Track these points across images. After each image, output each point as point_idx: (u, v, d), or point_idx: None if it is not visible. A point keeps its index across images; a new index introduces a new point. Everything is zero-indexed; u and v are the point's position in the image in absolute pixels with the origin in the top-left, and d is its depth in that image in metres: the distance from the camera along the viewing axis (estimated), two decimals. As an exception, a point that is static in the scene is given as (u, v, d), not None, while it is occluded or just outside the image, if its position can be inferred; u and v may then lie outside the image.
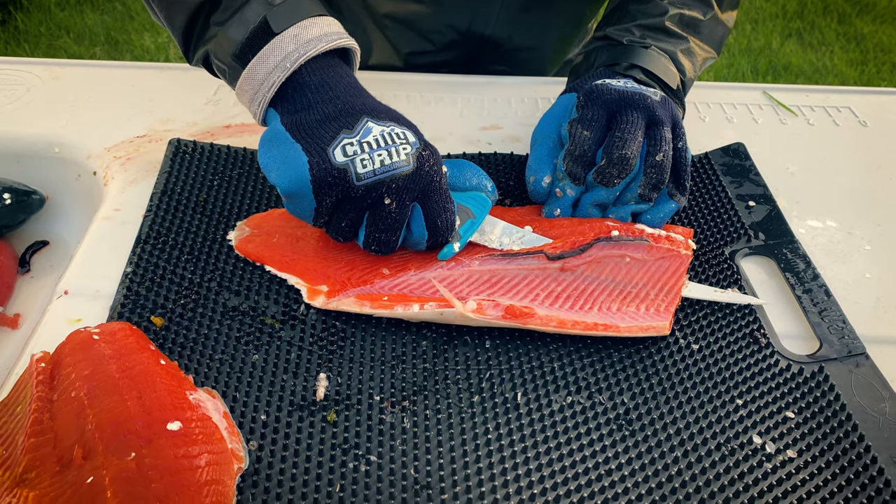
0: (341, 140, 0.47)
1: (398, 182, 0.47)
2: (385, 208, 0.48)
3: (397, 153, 0.47)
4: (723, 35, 0.67)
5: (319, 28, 0.50)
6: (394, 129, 0.48)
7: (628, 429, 0.45)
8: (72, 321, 0.50)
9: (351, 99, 0.50)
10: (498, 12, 0.77)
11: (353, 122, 0.48)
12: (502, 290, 0.50)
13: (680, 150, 0.56)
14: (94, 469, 0.37)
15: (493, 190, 0.54)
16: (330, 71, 0.51)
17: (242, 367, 0.47)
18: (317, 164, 0.46)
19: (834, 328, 0.52)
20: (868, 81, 2.51)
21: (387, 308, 0.49)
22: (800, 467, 0.44)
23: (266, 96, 0.50)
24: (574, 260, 0.51)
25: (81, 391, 0.41)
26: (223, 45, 0.51)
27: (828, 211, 0.64)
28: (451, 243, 0.51)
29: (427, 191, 0.49)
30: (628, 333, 0.49)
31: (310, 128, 0.48)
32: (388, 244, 0.50)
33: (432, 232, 0.50)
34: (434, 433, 0.44)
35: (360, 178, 0.47)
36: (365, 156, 0.47)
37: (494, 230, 0.54)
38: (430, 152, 0.49)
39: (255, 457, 0.42)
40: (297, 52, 0.49)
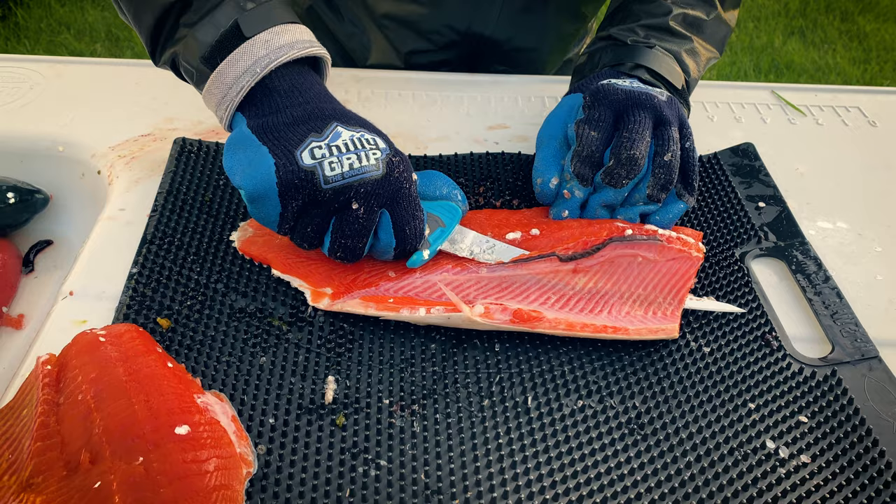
0: (310, 143, 0.46)
1: (367, 187, 0.46)
2: (352, 213, 0.47)
3: (367, 157, 0.47)
4: (725, 34, 0.67)
5: (291, 35, 0.50)
6: (364, 135, 0.48)
7: (640, 433, 0.45)
8: (77, 322, 0.50)
9: (321, 104, 0.49)
10: (498, 13, 0.77)
11: (322, 125, 0.47)
12: (512, 294, 0.50)
13: (687, 150, 0.55)
14: (101, 474, 0.37)
15: (463, 200, 0.53)
16: (300, 77, 0.50)
17: (250, 369, 0.47)
18: (283, 167, 0.45)
19: (846, 331, 0.52)
20: (871, 80, 2.50)
21: (392, 311, 0.48)
22: (813, 472, 0.43)
23: (234, 100, 0.49)
24: (587, 261, 0.50)
25: (88, 394, 0.40)
26: (192, 48, 0.50)
27: (838, 212, 0.64)
28: (420, 251, 0.50)
29: (396, 197, 0.48)
30: (637, 336, 0.49)
31: (277, 130, 0.47)
32: (354, 251, 0.48)
33: (400, 240, 0.49)
34: (444, 437, 0.44)
35: (328, 181, 0.46)
36: (333, 159, 0.46)
37: (465, 240, 0.53)
38: (399, 159, 0.48)
39: (264, 461, 0.42)
40: (267, 58, 0.49)
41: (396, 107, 0.73)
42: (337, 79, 0.77)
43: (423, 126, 0.71)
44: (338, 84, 0.76)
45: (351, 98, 0.74)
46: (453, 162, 0.65)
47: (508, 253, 0.52)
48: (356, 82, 0.77)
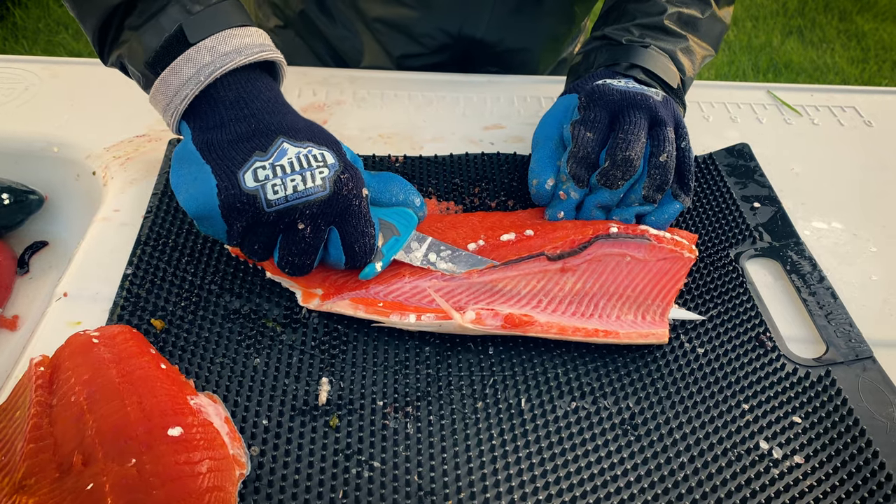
0: (253, 163, 0.45)
1: (312, 208, 0.45)
2: (298, 233, 0.46)
3: (312, 178, 0.45)
4: (721, 32, 0.67)
5: (239, 40, 0.48)
6: (311, 151, 0.46)
7: (634, 434, 0.45)
8: (71, 324, 0.50)
9: (267, 117, 0.48)
10: (489, 15, 0.77)
11: (267, 143, 0.46)
12: (503, 298, 0.49)
13: (683, 151, 0.55)
14: (94, 475, 0.37)
15: (421, 206, 0.52)
16: (248, 85, 0.49)
17: (244, 371, 0.47)
18: (225, 189, 0.45)
19: (841, 331, 0.52)
20: (869, 79, 2.50)
21: (382, 315, 0.48)
22: (807, 473, 0.43)
23: (178, 109, 0.48)
24: (574, 259, 0.50)
25: (81, 396, 0.40)
26: (136, 52, 0.49)
27: (833, 212, 0.64)
28: (373, 263, 0.50)
29: (344, 215, 0.47)
30: (628, 340, 0.48)
31: (221, 148, 0.46)
32: (302, 267, 0.48)
33: (349, 256, 0.48)
34: (438, 439, 0.44)
35: (271, 204, 0.45)
36: (277, 181, 0.45)
37: (421, 247, 0.52)
38: (349, 175, 0.47)
39: (257, 462, 0.42)
40: (212, 65, 0.47)
41: (392, 107, 0.73)
42: (332, 79, 0.77)
43: (418, 126, 0.71)
44: (333, 85, 0.76)
45: (346, 98, 0.74)
46: (448, 162, 0.65)
47: (468, 260, 0.51)
48: (351, 83, 0.77)
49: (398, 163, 0.64)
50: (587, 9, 0.84)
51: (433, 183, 0.63)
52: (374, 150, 0.67)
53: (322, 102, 0.73)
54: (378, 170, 0.63)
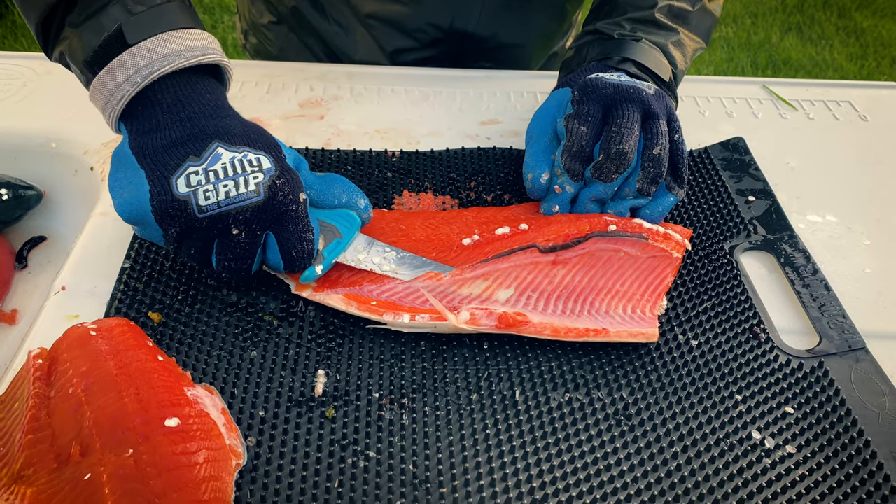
0: (186, 168, 0.45)
1: (245, 214, 0.45)
2: (233, 238, 0.46)
3: (245, 183, 0.45)
4: (711, 25, 0.67)
5: (181, 42, 0.48)
6: (247, 156, 0.46)
7: (627, 425, 0.45)
8: (69, 317, 0.50)
9: (203, 121, 0.47)
10: (479, 10, 0.78)
11: (201, 147, 0.46)
12: (493, 298, 0.49)
13: (676, 143, 0.56)
14: (91, 466, 0.37)
15: (365, 207, 0.51)
16: (187, 88, 0.48)
17: (241, 363, 0.47)
18: (158, 195, 0.45)
19: (834, 323, 0.52)
20: (868, 76, 2.50)
21: (375, 314, 0.48)
22: (799, 463, 0.44)
23: (115, 109, 0.48)
24: (566, 252, 0.51)
25: (79, 388, 0.41)
26: (75, 49, 0.48)
27: (828, 206, 0.64)
28: (313, 266, 0.49)
29: (281, 220, 0.47)
30: (618, 339, 0.49)
31: (155, 153, 0.46)
32: (239, 272, 0.48)
33: (287, 261, 0.48)
34: (433, 430, 0.44)
35: (203, 210, 0.45)
36: (209, 186, 0.45)
37: (364, 250, 0.51)
38: (285, 180, 0.46)
39: (254, 453, 0.42)
40: (149, 67, 0.47)
41: (389, 102, 0.74)
42: (329, 75, 0.77)
43: (415, 122, 0.71)
44: (330, 80, 0.76)
45: (343, 94, 0.74)
46: (445, 157, 0.65)
47: (413, 263, 0.51)
48: (349, 78, 0.77)
49: (395, 157, 0.65)
50: (577, 4, 0.84)
51: (429, 178, 0.63)
52: (370, 145, 0.67)
53: (319, 98, 0.74)
54: (375, 165, 0.64)
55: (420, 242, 0.53)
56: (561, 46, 0.91)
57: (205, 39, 0.50)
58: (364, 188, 0.61)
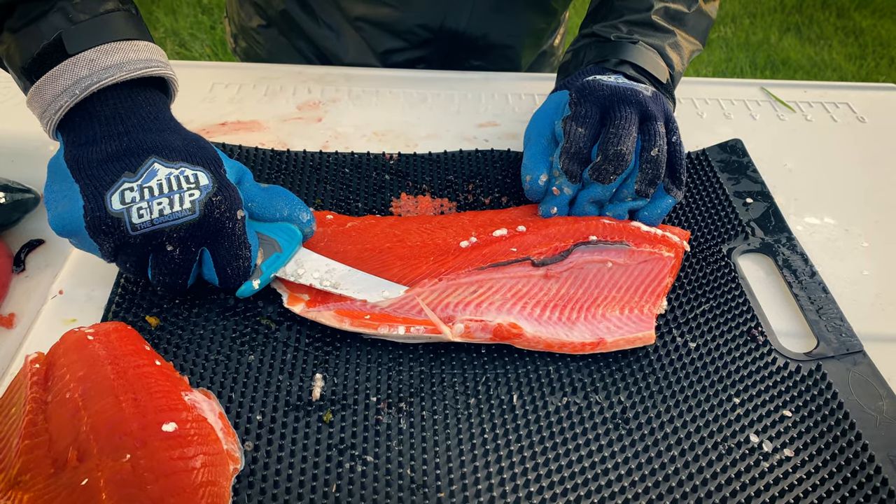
0: (121, 184, 0.45)
1: (179, 232, 0.45)
2: (167, 254, 0.46)
3: (181, 201, 0.45)
4: (707, 26, 0.67)
5: (123, 54, 0.47)
6: (183, 172, 0.46)
7: (625, 428, 0.45)
8: (67, 321, 0.50)
9: (140, 135, 0.47)
10: (470, 10, 0.78)
11: (137, 163, 0.45)
12: (489, 300, 0.49)
13: (674, 145, 0.56)
14: (88, 471, 0.37)
15: (308, 222, 0.51)
16: (127, 101, 0.48)
17: (238, 367, 0.47)
18: (91, 211, 0.44)
19: (831, 326, 0.52)
20: (867, 76, 2.51)
21: (370, 328, 0.48)
22: (797, 466, 0.44)
23: (53, 119, 0.47)
24: (556, 267, 0.51)
25: (76, 392, 0.41)
26: (13, 54, 0.47)
27: (825, 208, 0.64)
28: (250, 281, 0.49)
29: (216, 237, 0.46)
30: (615, 348, 0.49)
31: (91, 167, 0.45)
32: (174, 287, 0.48)
33: (222, 278, 0.48)
34: (430, 434, 0.44)
35: (136, 227, 0.44)
36: (143, 204, 0.44)
37: (305, 264, 0.51)
38: (222, 197, 0.46)
39: (251, 457, 0.42)
40: (89, 79, 0.46)
41: (387, 105, 0.74)
42: (327, 77, 0.77)
43: (412, 124, 0.71)
44: (328, 82, 0.76)
45: (341, 96, 0.74)
46: (443, 159, 0.65)
47: (352, 277, 0.50)
48: (346, 81, 0.77)
49: (392, 160, 0.65)
50: (565, 2, 0.85)
51: (427, 180, 0.63)
52: (368, 148, 0.67)
53: (317, 100, 0.74)
54: (373, 168, 0.64)
55: (416, 248, 0.53)
56: (550, 45, 0.92)
57: (149, 51, 0.49)
58: (362, 191, 0.61)
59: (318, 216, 0.57)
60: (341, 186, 0.62)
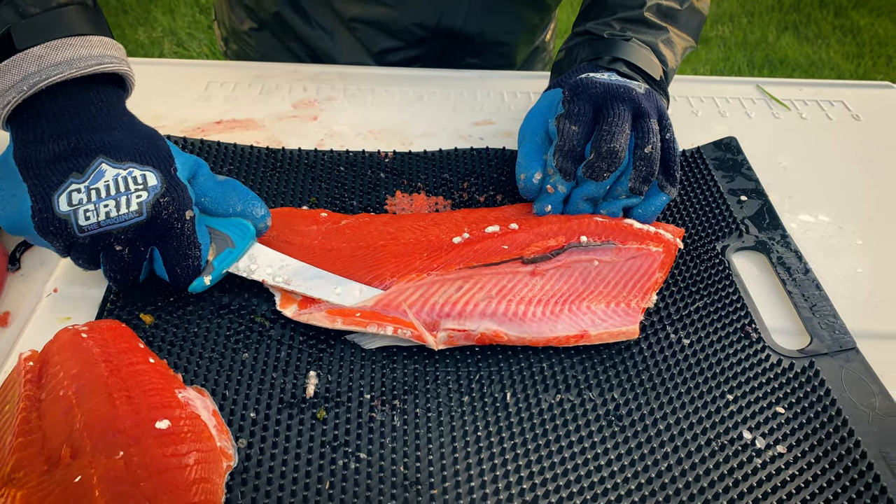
0: (69, 185, 0.45)
1: (127, 233, 0.45)
2: (116, 253, 0.46)
3: (127, 204, 0.45)
4: (700, 22, 0.68)
5: (73, 50, 0.46)
6: (132, 172, 0.45)
7: (618, 425, 0.45)
8: (61, 319, 0.50)
9: (89, 135, 0.46)
10: (467, 8, 0.78)
11: (84, 163, 0.45)
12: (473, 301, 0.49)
13: (668, 142, 0.56)
14: (82, 468, 0.37)
15: (262, 217, 0.51)
16: (77, 98, 0.47)
17: (232, 365, 0.47)
18: (39, 212, 0.44)
19: (825, 323, 0.52)
20: (864, 75, 2.51)
21: (360, 325, 0.48)
22: (789, 462, 0.44)
23: (1, 114, 0.46)
24: (544, 264, 0.51)
25: (70, 390, 0.41)
26: None
27: (820, 205, 0.64)
28: (202, 277, 0.49)
29: (165, 237, 0.47)
30: (599, 341, 0.49)
31: (38, 167, 0.45)
32: (125, 283, 0.48)
33: (172, 276, 0.48)
34: (424, 431, 0.44)
35: (83, 229, 0.44)
36: (90, 206, 0.44)
37: (258, 259, 0.51)
38: (170, 198, 0.46)
39: (245, 454, 0.42)
40: (37, 75, 0.45)
41: (382, 103, 0.74)
42: (323, 76, 0.77)
43: (408, 122, 0.71)
44: (324, 81, 0.76)
45: (337, 95, 0.74)
46: (438, 158, 0.65)
47: (305, 273, 0.50)
48: (342, 79, 0.77)
49: (388, 158, 0.65)
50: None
51: (422, 178, 0.63)
52: (364, 146, 0.67)
53: (313, 99, 0.74)
54: (368, 166, 0.64)
55: (409, 245, 0.53)
56: (542, 40, 0.92)
57: (103, 46, 0.48)
58: (357, 189, 0.61)
59: (313, 213, 0.57)
60: (336, 185, 0.62)
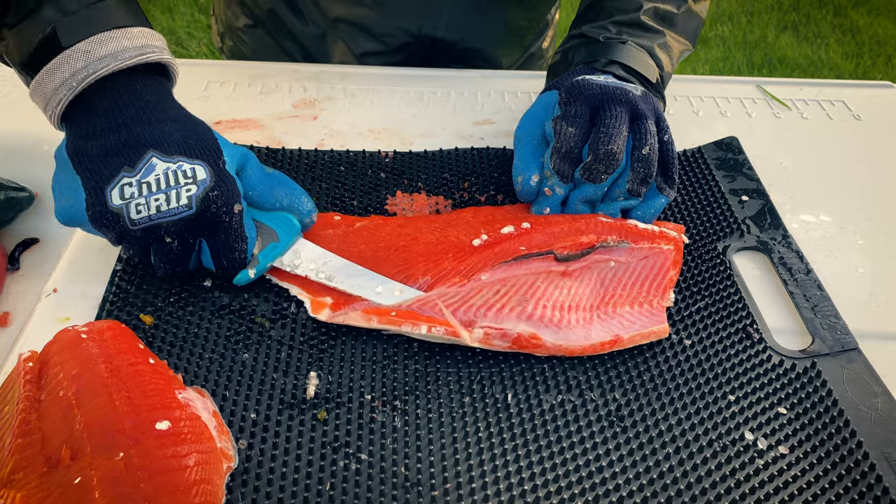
0: (121, 179, 0.46)
1: (178, 226, 0.46)
2: (166, 245, 0.47)
3: (177, 197, 0.46)
4: (697, 26, 0.67)
5: (117, 43, 0.47)
6: (182, 166, 0.47)
7: (620, 426, 0.45)
8: (61, 319, 0.50)
9: (139, 128, 0.47)
10: (447, 14, 0.78)
11: (136, 157, 0.46)
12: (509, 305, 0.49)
13: (666, 143, 0.55)
14: (81, 469, 0.37)
15: (308, 212, 0.52)
16: (126, 91, 0.48)
17: (232, 365, 0.47)
18: (92, 206, 0.46)
19: (826, 323, 0.52)
20: (863, 74, 2.51)
21: (394, 324, 0.48)
22: (791, 463, 0.44)
23: (55, 113, 0.48)
24: (574, 264, 0.51)
25: (69, 391, 0.41)
26: (12, 51, 0.48)
27: (821, 205, 0.64)
28: (246, 270, 0.50)
29: (214, 231, 0.48)
30: (632, 344, 0.49)
31: (91, 161, 0.46)
32: (174, 273, 0.50)
33: (219, 267, 0.49)
34: (425, 432, 0.44)
35: (135, 223, 0.46)
36: (141, 200, 0.45)
37: (302, 255, 0.51)
38: (219, 192, 0.47)
39: (245, 455, 0.42)
40: (85, 70, 0.46)
41: (383, 102, 0.74)
42: (323, 75, 0.77)
43: (409, 121, 0.71)
44: (324, 80, 0.76)
45: (337, 94, 0.74)
46: (438, 157, 0.65)
47: (347, 270, 0.51)
48: (342, 78, 0.77)
49: (388, 158, 0.65)
50: (550, 2, 0.84)
51: (423, 178, 0.63)
52: (364, 146, 0.67)
53: (313, 98, 0.73)
54: (368, 166, 0.64)
55: (432, 245, 0.53)
56: (538, 47, 0.91)
57: (144, 37, 0.49)
58: (357, 189, 0.61)
59: (326, 217, 0.57)
60: (336, 185, 0.62)
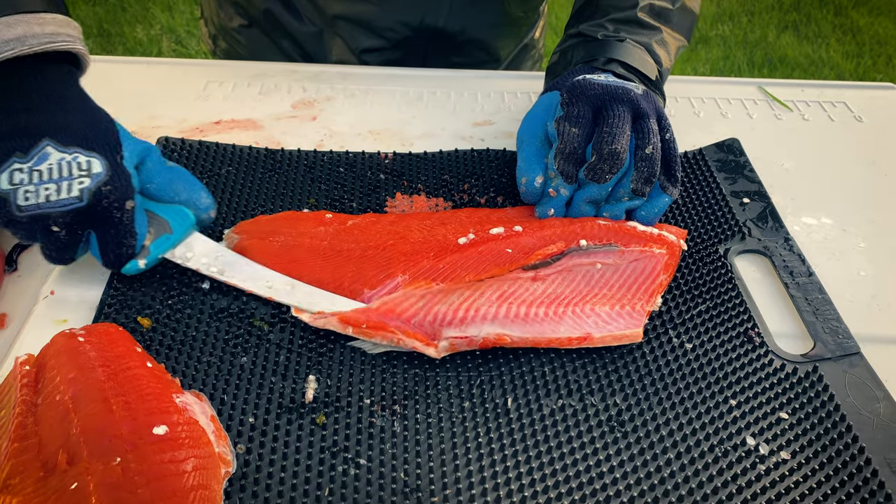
0: (11, 164, 0.45)
1: (65, 217, 0.46)
2: (53, 234, 0.46)
3: (69, 189, 0.45)
4: (692, 21, 0.67)
5: (26, 27, 0.46)
6: (77, 158, 0.46)
7: (621, 430, 0.45)
8: (58, 322, 0.49)
9: (37, 116, 0.46)
10: (448, 5, 0.78)
11: (29, 144, 0.45)
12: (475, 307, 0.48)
13: (668, 142, 0.55)
14: (78, 474, 0.36)
15: (206, 207, 0.52)
16: (29, 78, 0.47)
17: (231, 369, 0.47)
18: None
19: (828, 327, 0.52)
20: (864, 74, 2.50)
21: (366, 336, 0.48)
22: (793, 469, 0.43)
23: None
24: (545, 270, 0.51)
25: (66, 395, 0.40)
26: None
27: (823, 208, 0.64)
28: (136, 260, 0.49)
29: (103, 224, 0.47)
30: (602, 343, 0.48)
31: None
32: (61, 260, 0.49)
33: (106, 260, 0.49)
34: (424, 437, 0.44)
35: (21, 209, 0.45)
36: (31, 188, 0.45)
37: (194, 248, 0.51)
38: (112, 187, 0.46)
39: (243, 460, 0.42)
40: None
41: (382, 103, 0.73)
42: (322, 75, 0.77)
43: (408, 122, 0.71)
44: (323, 81, 0.76)
45: (336, 95, 0.74)
46: (438, 158, 0.65)
47: (238, 265, 0.51)
48: (342, 79, 0.76)
49: (388, 159, 0.64)
50: None
51: (422, 179, 0.62)
52: (363, 147, 0.67)
53: (312, 98, 0.73)
54: (368, 167, 0.63)
55: (417, 244, 0.52)
56: (530, 37, 0.91)
57: (57, 24, 0.48)
58: (357, 190, 0.61)
59: (318, 215, 0.56)
60: (336, 186, 0.61)
